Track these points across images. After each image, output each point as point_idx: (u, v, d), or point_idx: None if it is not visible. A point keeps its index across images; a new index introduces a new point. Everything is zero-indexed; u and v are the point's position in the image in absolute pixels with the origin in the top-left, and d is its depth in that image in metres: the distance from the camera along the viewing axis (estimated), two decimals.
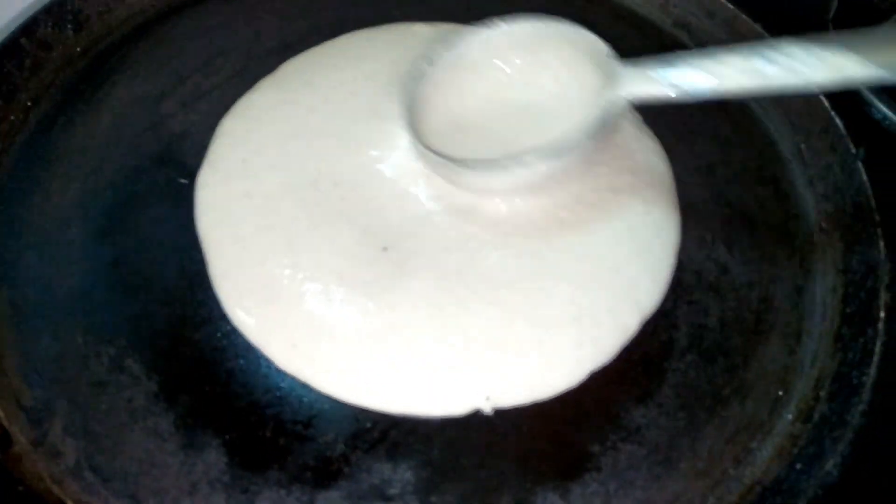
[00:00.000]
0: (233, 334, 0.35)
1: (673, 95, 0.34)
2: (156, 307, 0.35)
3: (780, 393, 0.35)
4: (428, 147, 0.37)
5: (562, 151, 0.36)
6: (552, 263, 0.36)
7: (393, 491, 0.31)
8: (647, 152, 0.42)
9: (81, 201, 0.39)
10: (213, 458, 0.32)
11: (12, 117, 0.42)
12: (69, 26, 0.46)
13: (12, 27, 0.44)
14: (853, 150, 0.41)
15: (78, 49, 0.46)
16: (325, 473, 0.31)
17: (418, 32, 0.46)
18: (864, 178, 0.39)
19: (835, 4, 0.52)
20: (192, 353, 0.34)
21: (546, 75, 0.40)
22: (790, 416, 0.34)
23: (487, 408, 0.33)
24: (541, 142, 0.37)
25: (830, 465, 0.31)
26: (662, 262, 0.38)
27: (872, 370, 0.34)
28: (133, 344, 0.34)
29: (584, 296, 0.36)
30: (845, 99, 0.43)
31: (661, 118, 0.43)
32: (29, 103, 0.43)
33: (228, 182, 0.39)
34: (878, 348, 0.34)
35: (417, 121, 0.38)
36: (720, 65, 0.33)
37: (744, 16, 0.46)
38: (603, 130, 0.36)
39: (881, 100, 0.46)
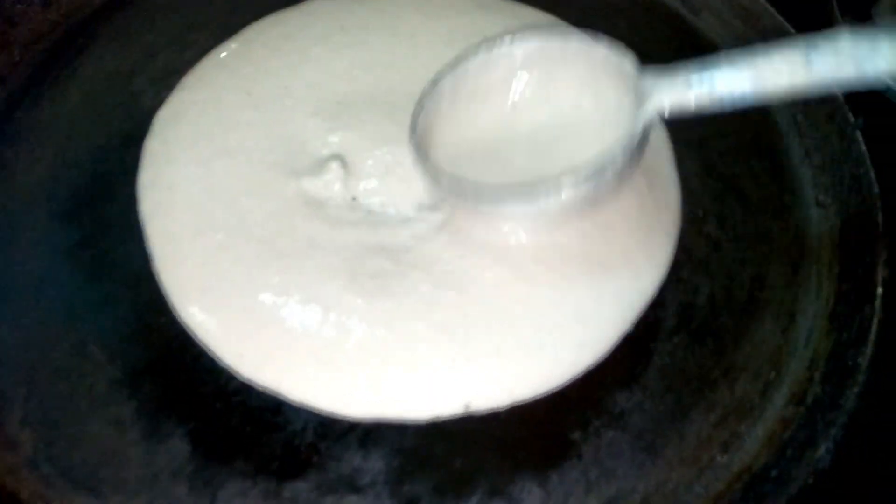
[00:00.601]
0: None
1: (708, 104, 0.31)
2: (120, 291, 0.34)
3: (772, 375, 0.33)
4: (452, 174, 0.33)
5: (593, 175, 0.31)
6: (549, 260, 0.34)
7: (364, 481, 0.30)
8: None
9: (47, 181, 0.38)
10: (177, 447, 0.30)
11: None
12: (37, 2, 0.44)
13: None
14: (852, 120, 0.39)
15: (46, 25, 0.44)
16: (293, 463, 0.30)
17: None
18: (863, 148, 0.37)
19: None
20: (156, 339, 0.33)
21: (563, 95, 0.36)
22: (782, 400, 0.32)
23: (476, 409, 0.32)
24: (563, 167, 0.32)
25: (823, 450, 0.30)
26: (664, 245, 0.36)
27: (869, 350, 0.32)
28: (96, 329, 0.33)
29: (586, 294, 0.34)
30: None
31: None
32: None
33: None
34: (874, 327, 0.33)
35: (427, 148, 0.35)
36: (756, 66, 0.30)
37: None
38: (636, 149, 0.32)
39: None
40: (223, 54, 0.42)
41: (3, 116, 0.40)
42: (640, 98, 0.32)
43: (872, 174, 0.36)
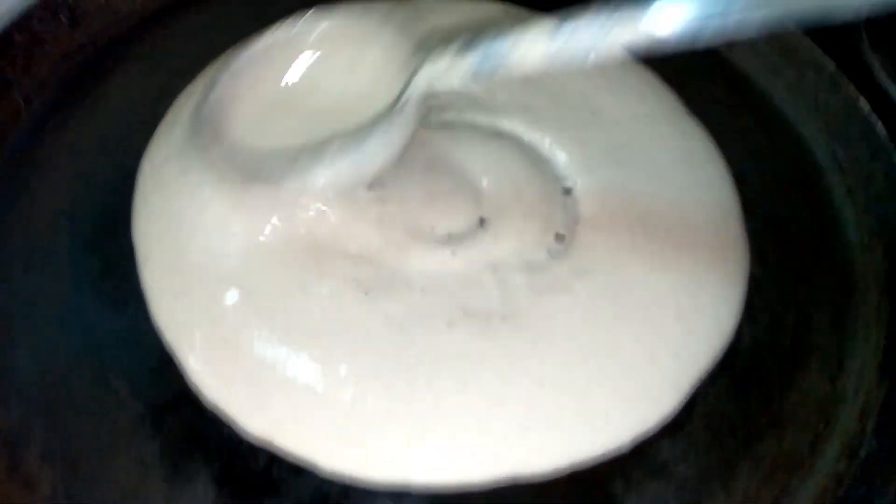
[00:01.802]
0: None
1: (468, 78, 0.31)
2: (144, 323, 0.33)
3: (822, 426, 0.32)
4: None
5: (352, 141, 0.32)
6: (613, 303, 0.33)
7: None
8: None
9: (70, 208, 0.37)
10: (201, 490, 0.29)
11: (2, 116, 0.40)
12: (65, 21, 0.43)
13: (5, 20, 0.41)
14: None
15: (74, 45, 0.43)
16: None
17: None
18: None
19: None
20: (180, 374, 0.32)
21: (349, 71, 0.37)
22: (834, 453, 0.31)
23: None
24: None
25: None
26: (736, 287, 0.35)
27: None
28: (119, 362, 0.32)
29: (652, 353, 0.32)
30: (882, 106, 0.40)
31: None
32: (22, 101, 0.41)
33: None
34: None
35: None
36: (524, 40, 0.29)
37: None
38: (399, 122, 0.33)
39: None
40: None
41: (27, 138, 0.39)
42: (411, 74, 0.33)
43: None
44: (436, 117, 0.39)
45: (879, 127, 0.39)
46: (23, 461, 0.30)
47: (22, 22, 0.41)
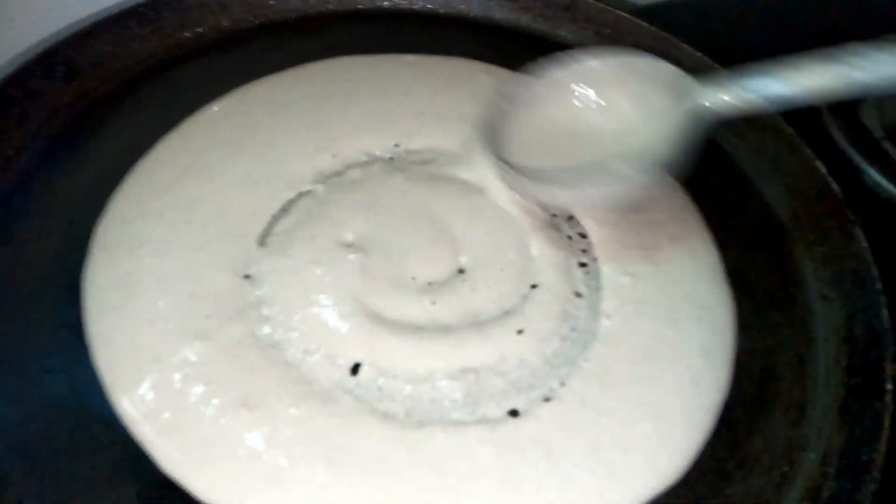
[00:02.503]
0: None
1: (753, 100, 0.35)
2: None
3: (786, 469, 0.33)
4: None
5: (648, 161, 0.36)
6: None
7: None
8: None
9: (56, 256, 0.37)
10: None
11: None
12: (60, 77, 0.45)
13: (2, 75, 0.43)
14: (851, 217, 0.40)
15: (68, 99, 0.45)
16: None
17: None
18: (864, 244, 0.39)
19: None
20: None
21: (621, 106, 0.40)
22: (797, 495, 0.32)
23: None
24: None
25: None
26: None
27: (882, 446, 0.32)
28: (99, 408, 0.32)
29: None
30: (839, 167, 0.42)
31: None
32: (11, 152, 0.42)
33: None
34: (886, 422, 0.33)
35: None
36: (795, 70, 0.34)
37: None
38: (686, 140, 0.36)
39: (873, 167, 0.46)
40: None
41: (17, 188, 0.40)
42: (681, 99, 0.36)
43: (875, 271, 0.37)
44: (417, 170, 0.41)
45: (835, 187, 0.41)
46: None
47: (18, 77, 0.43)
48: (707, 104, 0.36)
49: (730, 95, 0.35)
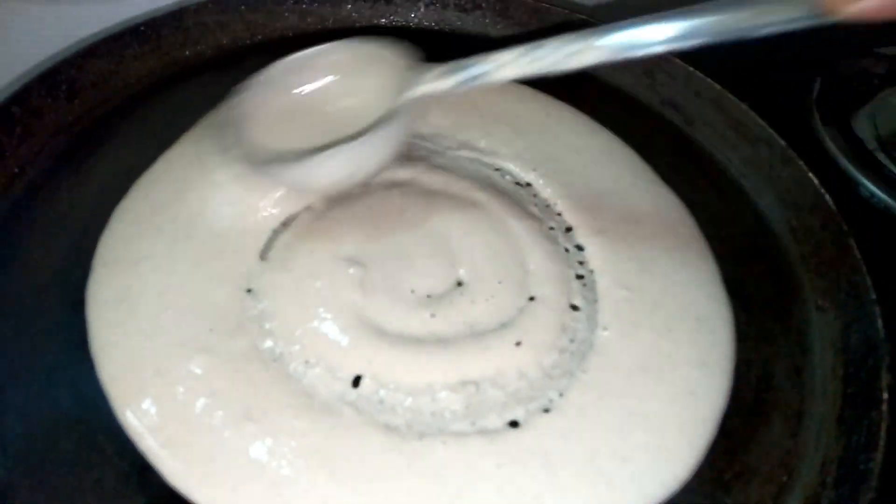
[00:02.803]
0: None
1: (454, 85, 0.37)
2: None
3: (785, 478, 0.33)
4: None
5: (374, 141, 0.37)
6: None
7: None
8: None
9: (60, 272, 0.38)
10: None
11: None
12: (62, 95, 0.45)
13: (4, 94, 0.43)
14: (845, 228, 0.40)
15: (70, 118, 0.45)
16: None
17: None
18: (858, 255, 0.39)
19: (818, 85, 0.53)
20: None
21: (357, 91, 0.41)
22: None
23: None
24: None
25: None
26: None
27: (879, 455, 0.32)
28: (105, 421, 0.32)
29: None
30: (833, 178, 0.43)
31: None
32: (16, 170, 0.42)
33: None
34: (883, 431, 0.33)
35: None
36: (499, 60, 0.36)
37: (730, 95, 0.47)
38: (394, 125, 0.37)
39: (868, 178, 0.47)
40: None
41: (20, 205, 0.41)
42: (405, 87, 0.38)
43: (869, 281, 0.38)
44: (415, 185, 0.42)
45: (828, 198, 0.42)
46: None
47: (21, 96, 0.43)
48: (421, 90, 0.37)
49: (442, 82, 0.37)
